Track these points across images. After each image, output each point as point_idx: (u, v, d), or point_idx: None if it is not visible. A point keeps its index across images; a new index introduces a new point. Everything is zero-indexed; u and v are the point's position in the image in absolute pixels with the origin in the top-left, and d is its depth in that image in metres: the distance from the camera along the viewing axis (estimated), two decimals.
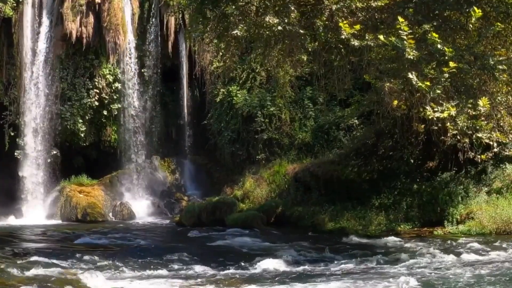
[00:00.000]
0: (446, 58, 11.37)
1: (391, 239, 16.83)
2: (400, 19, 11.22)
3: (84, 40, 26.37)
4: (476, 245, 15.07)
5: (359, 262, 13.45)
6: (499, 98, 14.31)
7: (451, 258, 13.67)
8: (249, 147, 25.86)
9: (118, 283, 11.50)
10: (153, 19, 27.88)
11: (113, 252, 15.21)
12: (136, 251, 15.57)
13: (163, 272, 12.79)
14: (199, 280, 11.95)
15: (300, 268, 13.07)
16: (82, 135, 26.66)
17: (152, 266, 13.32)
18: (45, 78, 26.41)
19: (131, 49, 27.24)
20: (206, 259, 14.18)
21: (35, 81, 26.38)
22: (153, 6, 27.85)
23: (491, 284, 10.81)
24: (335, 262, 13.63)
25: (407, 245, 15.82)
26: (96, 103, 26.65)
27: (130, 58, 27.27)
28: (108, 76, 26.82)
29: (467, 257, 13.66)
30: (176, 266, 13.34)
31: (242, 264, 13.42)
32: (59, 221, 24.54)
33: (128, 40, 27.10)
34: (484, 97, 12.26)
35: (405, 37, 11.25)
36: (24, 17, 26.44)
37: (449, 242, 15.84)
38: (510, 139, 16.39)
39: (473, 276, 11.49)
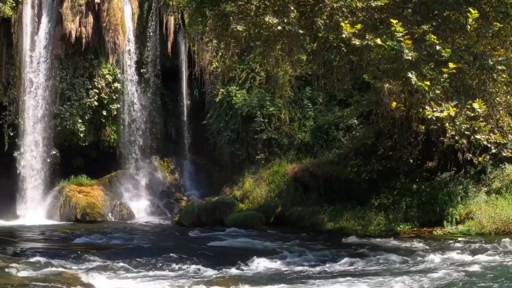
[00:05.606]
0: (445, 58, 11.40)
1: (390, 239, 16.84)
2: (393, 20, 11.25)
3: (84, 40, 26.35)
4: (475, 245, 15.08)
5: (358, 262, 13.45)
6: (498, 98, 14.32)
7: (450, 258, 13.67)
8: (248, 147, 25.85)
9: (118, 283, 11.51)
10: (153, 19, 27.86)
11: (113, 252, 15.21)
12: (135, 251, 15.57)
13: (162, 272, 12.80)
14: (198, 279, 11.96)
15: (299, 268, 13.08)
16: (82, 135, 26.64)
17: (151, 266, 13.34)
18: (45, 78, 26.38)
19: (131, 49, 27.23)
20: (206, 259, 14.19)
21: (35, 81, 26.34)
22: (152, 6, 27.84)
23: (490, 284, 10.82)
24: (334, 262, 13.62)
25: (407, 245, 15.83)
26: (96, 103, 26.62)
27: (130, 58, 27.26)
28: (107, 76, 26.80)
29: (466, 257, 13.66)
30: (175, 266, 13.34)
31: (241, 264, 13.41)
32: (59, 221, 24.50)
33: (128, 40, 27.08)
34: (479, 99, 12.31)
35: (401, 39, 11.28)
36: (24, 17, 26.41)
37: (448, 242, 15.85)
38: (509, 139, 16.37)
39: (472, 276, 11.50)
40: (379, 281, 11.35)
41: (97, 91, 26.66)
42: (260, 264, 13.30)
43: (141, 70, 27.62)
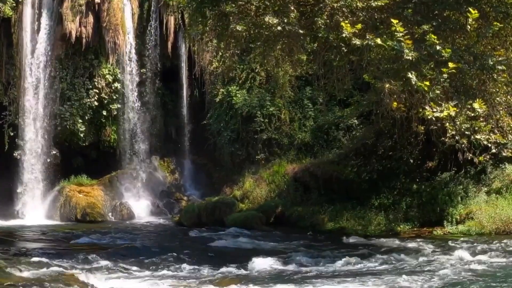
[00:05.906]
0: (445, 58, 11.41)
1: (391, 239, 16.84)
2: (394, 20, 11.26)
3: (84, 40, 26.36)
4: (475, 245, 15.08)
5: (358, 262, 13.46)
6: (498, 98, 14.33)
7: (450, 258, 13.68)
8: (248, 147, 25.86)
9: (118, 283, 11.51)
10: (153, 19, 27.86)
11: (114, 252, 15.21)
12: (136, 251, 15.58)
13: (163, 272, 12.81)
14: (198, 280, 11.97)
15: (299, 268, 13.08)
16: (82, 135, 26.64)
17: (151, 266, 13.35)
18: (45, 78, 26.38)
19: (131, 49, 27.23)
20: (206, 259, 14.21)
21: (35, 81, 26.35)
22: (152, 6, 27.85)
23: (490, 284, 10.83)
24: (334, 262, 13.61)
25: (409, 245, 15.83)
26: (96, 103, 26.63)
27: (130, 58, 27.26)
28: (107, 76, 26.81)
29: (466, 257, 13.65)
30: (175, 266, 13.35)
31: (241, 264, 13.42)
32: (59, 221, 24.50)
33: (128, 40, 27.09)
34: (479, 99, 12.32)
35: (401, 39, 11.29)
36: (24, 17, 26.43)
37: (448, 242, 15.84)
38: (509, 139, 16.38)
39: (472, 276, 11.51)
40: (388, 279, 11.37)
41: (97, 91, 26.67)
42: (261, 264, 13.28)
43: (141, 70, 27.63)
